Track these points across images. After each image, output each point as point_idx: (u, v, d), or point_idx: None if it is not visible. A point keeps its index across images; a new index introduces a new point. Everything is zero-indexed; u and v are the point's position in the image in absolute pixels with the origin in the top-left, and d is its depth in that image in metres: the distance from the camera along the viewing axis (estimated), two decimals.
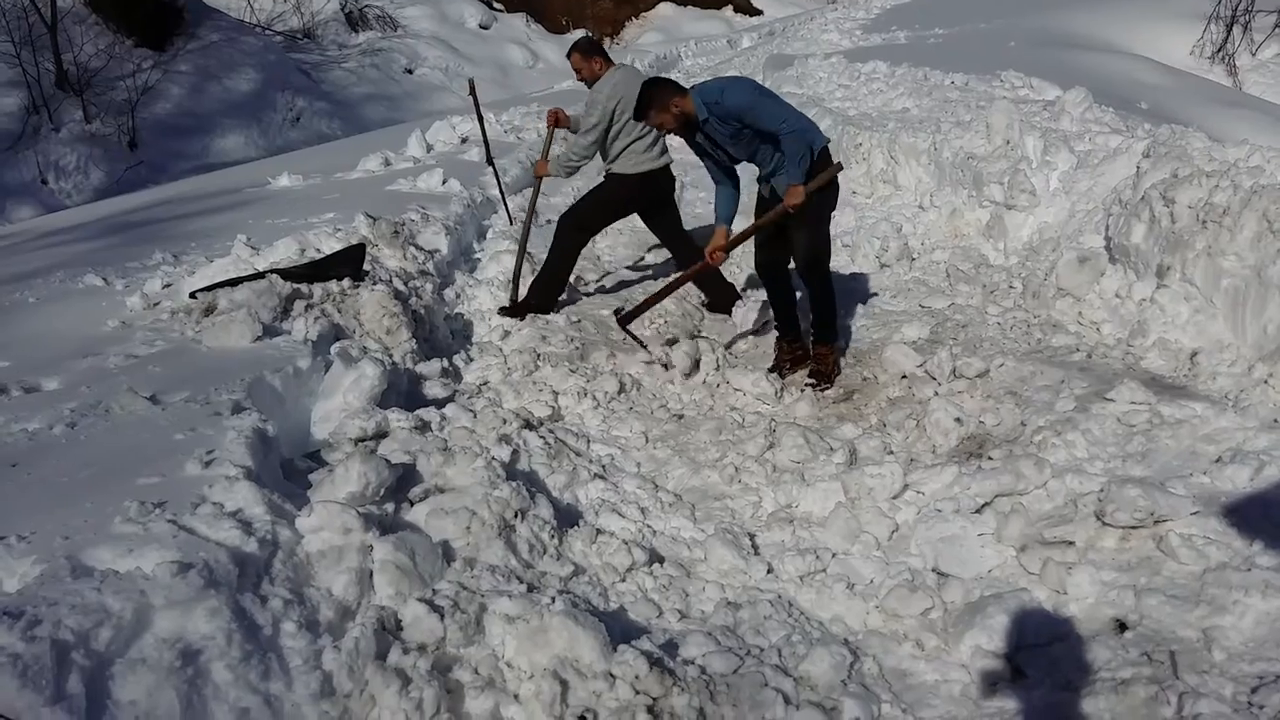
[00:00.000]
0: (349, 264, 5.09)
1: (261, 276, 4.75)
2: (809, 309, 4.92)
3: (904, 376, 4.62)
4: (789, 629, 2.90)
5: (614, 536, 3.37)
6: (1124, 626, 2.72)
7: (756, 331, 5.48)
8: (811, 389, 4.70)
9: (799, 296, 5.07)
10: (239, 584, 2.48)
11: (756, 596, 3.09)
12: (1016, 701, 2.57)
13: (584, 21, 34.15)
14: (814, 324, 4.90)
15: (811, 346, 4.95)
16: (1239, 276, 4.14)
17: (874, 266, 6.36)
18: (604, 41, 33.61)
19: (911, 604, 2.97)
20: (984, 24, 15.22)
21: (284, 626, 2.47)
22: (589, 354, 5.08)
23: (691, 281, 5.47)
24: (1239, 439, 3.36)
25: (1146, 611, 2.72)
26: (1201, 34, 14.47)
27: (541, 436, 4.04)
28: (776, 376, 4.81)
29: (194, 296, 4.71)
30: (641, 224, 6.35)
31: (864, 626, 2.99)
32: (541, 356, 4.94)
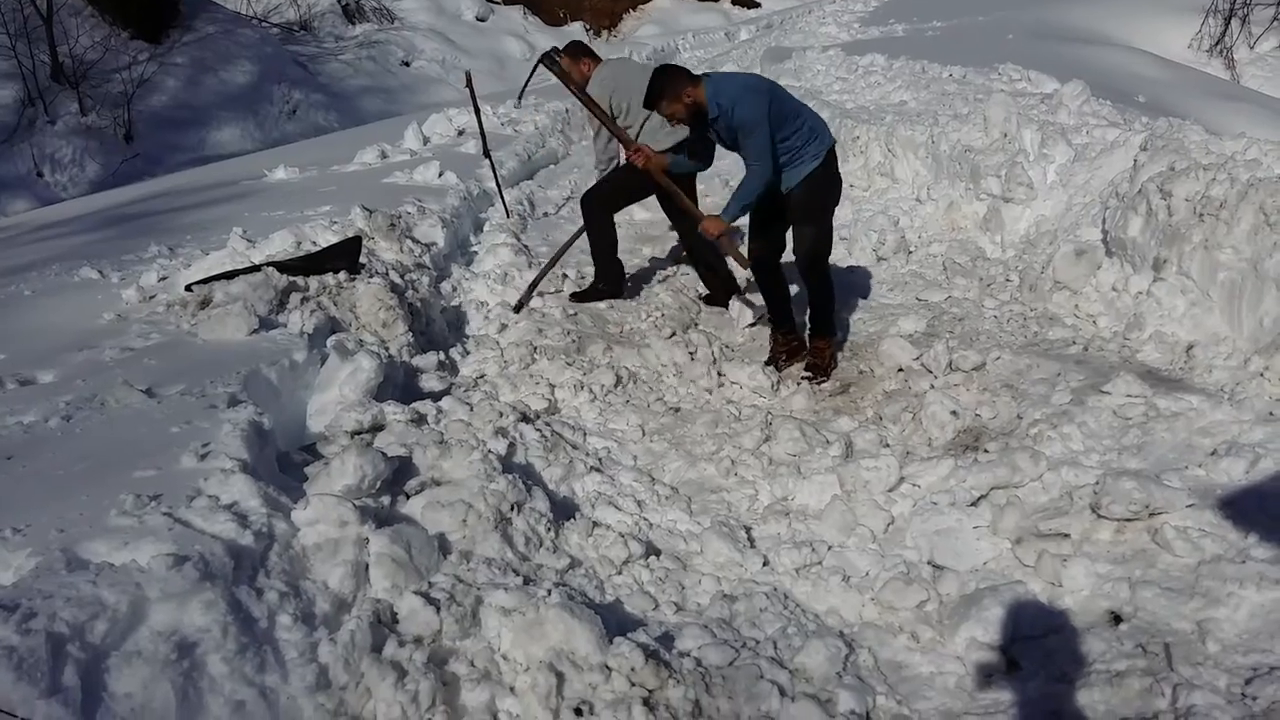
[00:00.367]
0: (345, 257, 5.08)
1: (257, 269, 4.75)
2: (805, 302, 4.92)
3: (900, 369, 4.62)
4: (785, 621, 2.91)
5: (610, 529, 3.37)
6: (1119, 619, 2.72)
7: (753, 324, 5.48)
8: (808, 382, 4.71)
9: (793, 290, 5.06)
10: (235, 577, 2.48)
11: (752, 589, 3.10)
12: (1011, 693, 2.58)
13: (581, 14, 34.04)
14: (812, 318, 4.89)
15: (809, 340, 4.94)
16: (1235, 269, 4.15)
17: (871, 259, 6.36)
18: (601, 34, 33.54)
19: (907, 596, 2.98)
20: (982, 17, 15.19)
21: (280, 619, 2.47)
22: (585, 347, 5.07)
23: (696, 272, 5.51)
24: (1234, 432, 3.37)
25: (1141, 604, 2.73)
26: (1199, 27, 14.46)
27: (538, 429, 4.04)
28: (773, 369, 4.81)
29: (190, 289, 4.71)
30: (641, 216, 6.36)
31: (859, 619, 2.99)
32: (538, 349, 4.94)
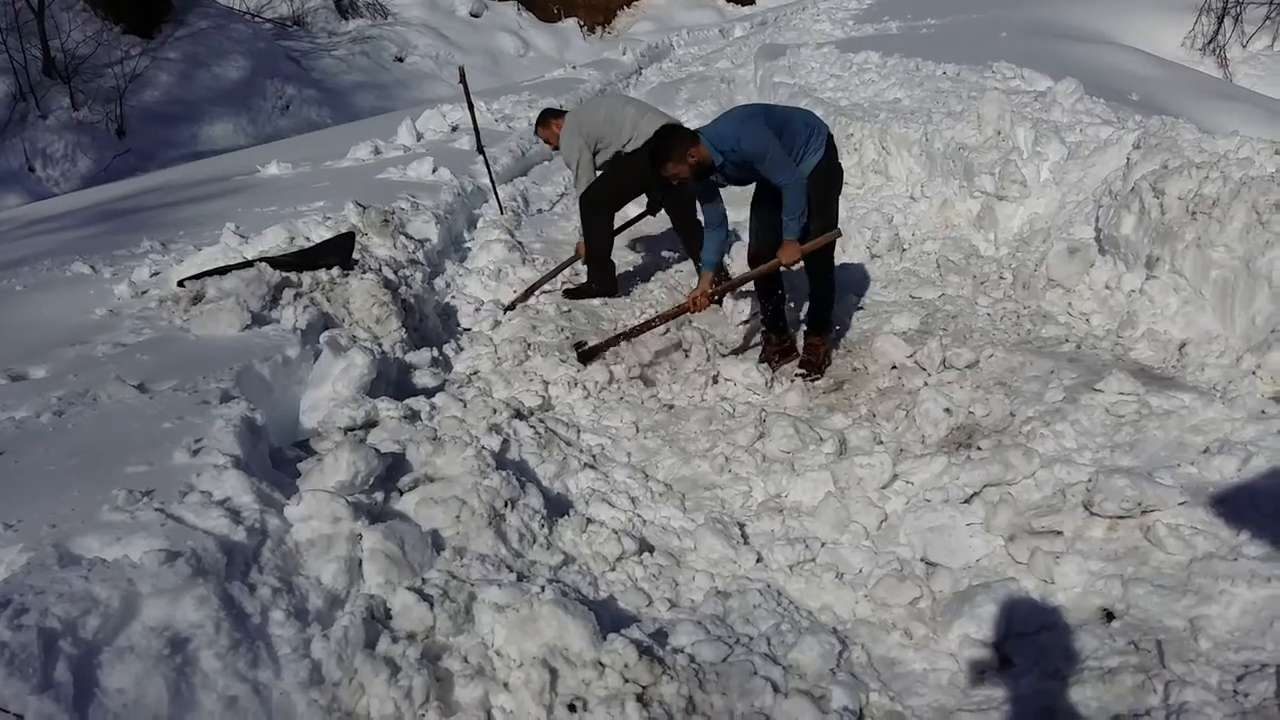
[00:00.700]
0: (338, 252, 5.07)
1: (250, 265, 4.73)
2: (803, 300, 4.90)
3: (894, 367, 4.63)
4: (778, 618, 2.91)
5: (604, 526, 3.37)
6: (1111, 616, 2.73)
7: (747, 322, 5.48)
8: (802, 379, 4.71)
9: (788, 293, 5.05)
10: (227, 572, 2.47)
11: (746, 585, 3.10)
12: (1004, 690, 2.59)
13: (576, 10, 33.96)
14: (809, 314, 4.89)
15: (804, 336, 4.94)
16: (1228, 268, 4.16)
17: (865, 257, 6.36)
18: (595, 31, 33.50)
19: (900, 593, 2.99)
20: (976, 15, 15.20)
21: (273, 615, 2.47)
22: (581, 340, 5.06)
23: (696, 269, 5.51)
24: (1227, 430, 3.38)
25: (1134, 601, 2.74)
26: (1192, 26, 14.49)
27: (532, 426, 4.03)
28: (766, 367, 4.81)
29: (182, 285, 4.69)
30: (634, 212, 6.34)
31: (853, 615, 3.00)
32: (532, 346, 4.94)
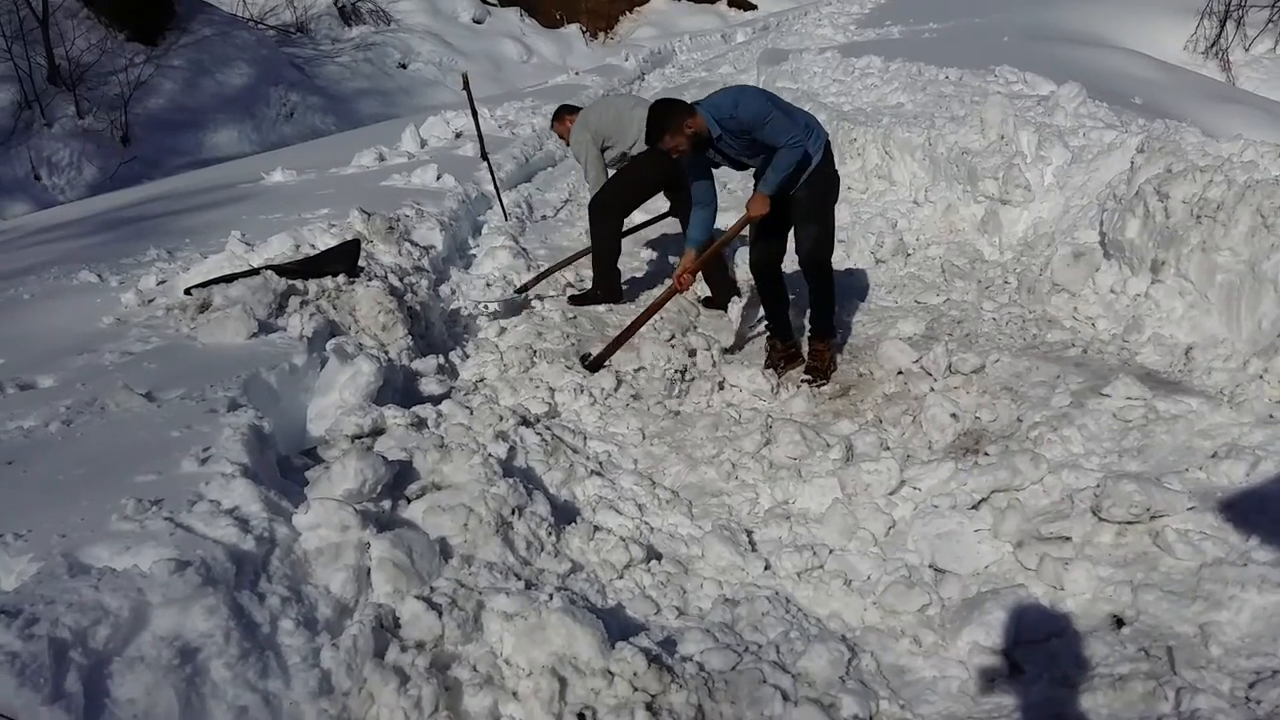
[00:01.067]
0: (344, 260, 5.08)
1: (256, 273, 4.74)
2: (805, 306, 4.91)
3: (900, 372, 4.62)
4: (787, 625, 2.90)
5: (611, 533, 3.37)
6: (1121, 622, 2.73)
7: (753, 328, 5.48)
8: (808, 385, 4.71)
9: (792, 297, 5.06)
10: (236, 582, 2.47)
11: (754, 593, 3.10)
12: (1014, 697, 2.58)
13: (578, 16, 34.04)
14: (812, 319, 4.89)
15: (809, 342, 4.94)
16: (1233, 271, 4.15)
17: (869, 262, 6.36)
18: (598, 36, 33.55)
19: (909, 600, 2.98)
20: (978, 19, 15.21)
21: (282, 624, 2.47)
22: (585, 350, 5.06)
23: (702, 273, 5.47)
24: (1234, 434, 3.37)
25: (1143, 607, 2.73)
26: (1195, 29, 14.49)
27: (538, 433, 4.03)
28: (772, 373, 4.81)
29: (189, 293, 4.70)
30: (639, 219, 6.35)
31: (861, 623, 2.99)
32: (538, 353, 4.94)
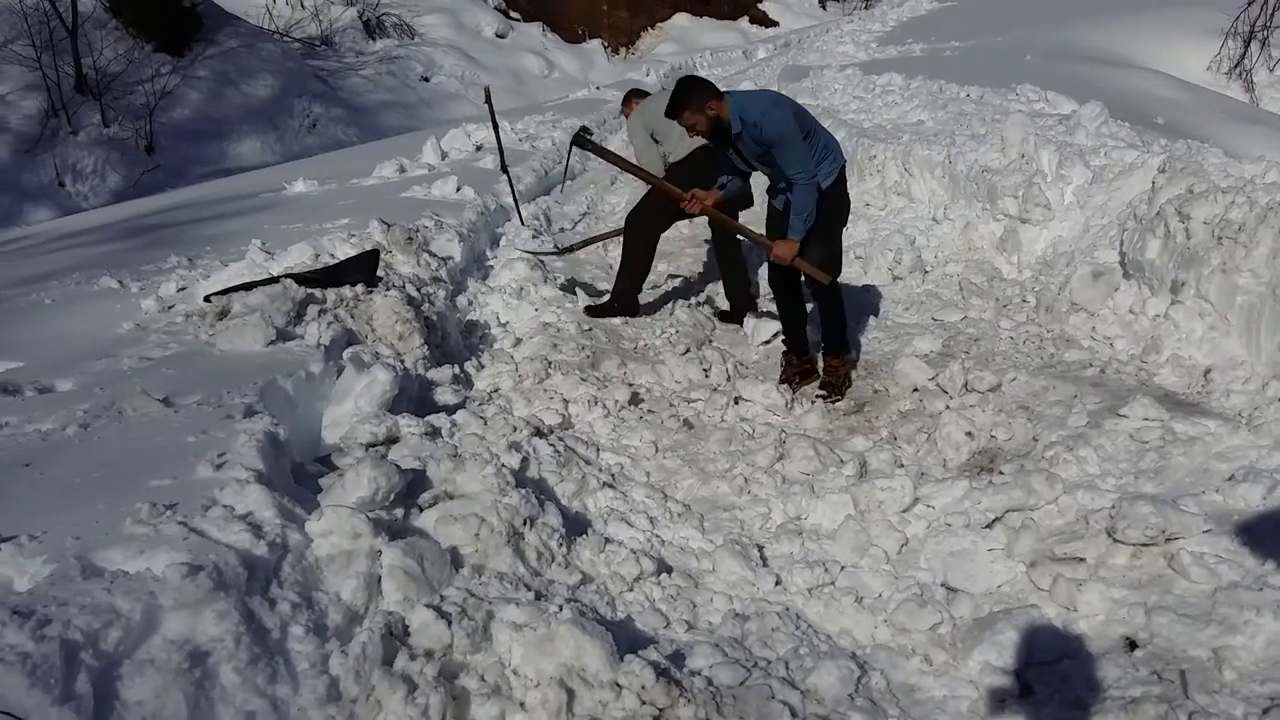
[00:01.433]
0: (362, 270, 5.11)
1: (275, 281, 4.77)
2: (820, 322, 4.91)
3: (915, 389, 4.61)
4: (797, 641, 2.89)
5: (622, 546, 3.37)
6: (1134, 644, 2.70)
7: (768, 342, 5.47)
8: (822, 400, 4.70)
9: (810, 311, 5.06)
10: (248, 587, 2.48)
11: (764, 608, 3.09)
12: (1024, 718, 2.56)
13: (600, 31, 34.24)
14: (824, 336, 4.88)
15: (822, 358, 4.93)
16: (1254, 293, 4.12)
17: (886, 279, 6.35)
18: (619, 52, 33.72)
19: (920, 618, 2.96)
20: (1000, 37, 15.19)
21: (292, 630, 2.48)
22: (600, 362, 5.08)
23: (724, 285, 5.69)
24: (1252, 457, 3.34)
25: (1157, 630, 2.70)
26: (1219, 49, 14.40)
27: (551, 444, 4.04)
28: (787, 388, 4.80)
29: (208, 300, 4.74)
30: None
31: (872, 640, 2.97)
32: (553, 364, 4.95)
